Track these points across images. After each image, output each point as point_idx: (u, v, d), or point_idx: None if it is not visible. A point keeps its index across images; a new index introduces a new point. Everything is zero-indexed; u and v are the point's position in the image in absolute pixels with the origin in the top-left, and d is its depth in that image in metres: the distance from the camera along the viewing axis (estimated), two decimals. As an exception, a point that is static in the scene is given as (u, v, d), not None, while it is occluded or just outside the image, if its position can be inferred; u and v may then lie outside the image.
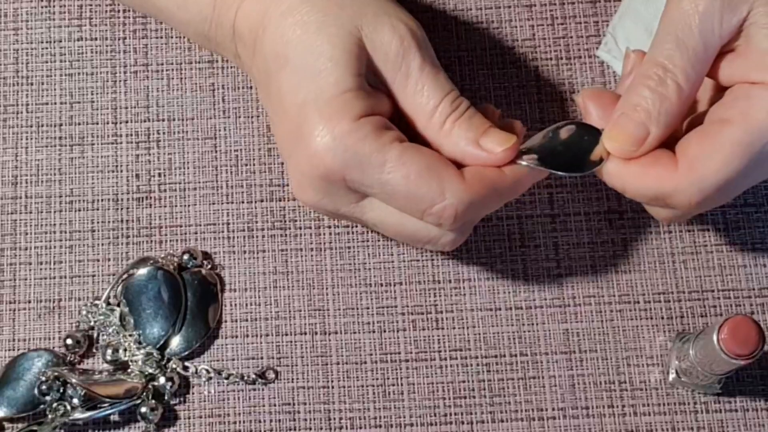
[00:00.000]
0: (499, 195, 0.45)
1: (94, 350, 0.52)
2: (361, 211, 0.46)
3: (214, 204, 0.54)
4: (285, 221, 0.54)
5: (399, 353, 0.52)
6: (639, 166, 0.44)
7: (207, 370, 0.52)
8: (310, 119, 0.43)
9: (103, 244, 0.54)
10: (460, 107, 0.45)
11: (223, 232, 0.54)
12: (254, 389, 0.52)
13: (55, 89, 0.56)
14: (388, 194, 0.44)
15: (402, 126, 0.46)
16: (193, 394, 0.52)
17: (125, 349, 0.52)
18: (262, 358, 0.52)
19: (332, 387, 0.52)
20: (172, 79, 0.56)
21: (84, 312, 0.53)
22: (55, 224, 0.54)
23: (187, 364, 0.52)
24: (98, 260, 0.54)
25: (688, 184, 0.43)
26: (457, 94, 0.46)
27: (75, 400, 0.50)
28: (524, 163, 0.45)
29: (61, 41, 0.56)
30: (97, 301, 0.53)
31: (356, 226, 0.54)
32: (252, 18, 0.46)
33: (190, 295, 0.53)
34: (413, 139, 0.45)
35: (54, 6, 0.57)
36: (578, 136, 0.46)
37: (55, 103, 0.56)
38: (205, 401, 0.52)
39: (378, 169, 0.43)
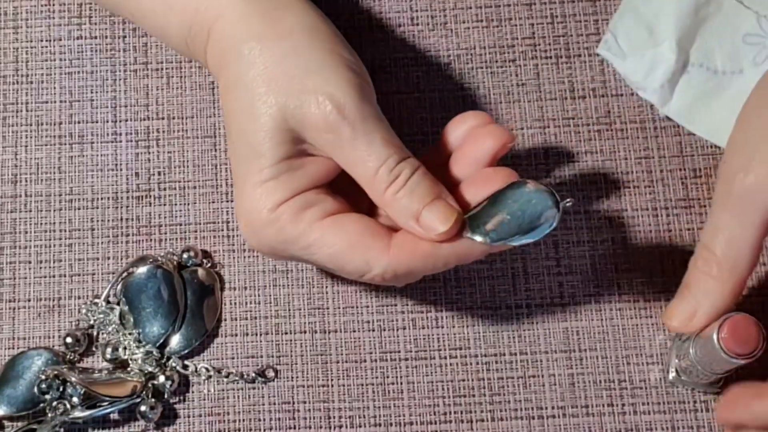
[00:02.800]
0: (435, 263, 0.44)
1: (94, 349, 0.52)
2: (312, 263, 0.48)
3: (213, 202, 0.54)
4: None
5: (399, 352, 0.52)
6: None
7: (207, 369, 0.52)
8: (239, 204, 0.46)
9: (102, 243, 0.54)
10: (400, 176, 0.44)
11: (222, 230, 0.54)
12: (254, 388, 0.52)
13: (54, 88, 0.56)
14: (319, 265, 0.47)
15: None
16: (192, 392, 0.52)
17: (125, 348, 0.52)
18: (261, 356, 0.52)
19: (332, 385, 0.52)
20: (172, 77, 0.56)
21: (84, 310, 0.53)
22: (54, 223, 0.54)
23: (186, 362, 0.52)
24: (98, 259, 0.54)
25: None
26: (397, 160, 0.44)
27: (75, 399, 0.50)
28: (470, 236, 0.43)
29: (60, 40, 0.56)
30: (96, 300, 0.53)
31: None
32: (214, 70, 0.48)
33: (190, 294, 0.53)
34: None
35: (54, 4, 0.57)
36: (526, 199, 0.43)
37: (55, 102, 0.56)
38: (204, 400, 0.52)
39: (303, 250, 0.45)
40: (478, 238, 0.43)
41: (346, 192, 0.47)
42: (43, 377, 0.50)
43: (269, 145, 0.44)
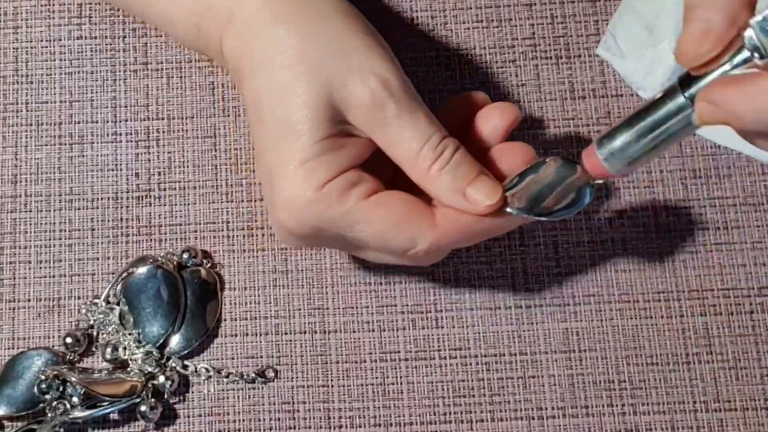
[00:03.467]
0: (474, 236, 0.46)
1: (94, 349, 0.52)
2: (342, 247, 0.48)
3: (213, 203, 0.54)
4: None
5: (398, 352, 0.52)
6: (740, 84, 0.37)
7: (206, 369, 0.52)
8: (277, 186, 0.44)
9: (102, 243, 0.54)
10: (444, 153, 0.45)
11: (222, 230, 0.54)
12: (254, 388, 0.52)
13: (54, 88, 0.56)
14: (361, 247, 0.46)
15: (389, 164, 0.46)
16: (192, 392, 0.52)
17: (125, 348, 0.52)
18: (261, 356, 0.52)
19: (332, 386, 0.52)
20: (172, 77, 0.56)
21: (83, 311, 0.53)
22: (54, 223, 0.54)
23: (186, 362, 0.52)
24: (98, 259, 0.53)
25: None
26: (440, 137, 0.45)
27: (74, 399, 0.50)
28: (512, 211, 0.44)
29: (60, 40, 0.56)
30: (96, 300, 0.53)
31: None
32: (232, 53, 0.47)
33: (190, 294, 0.53)
34: (401, 175, 0.46)
35: (54, 4, 0.57)
36: (559, 174, 0.45)
37: (55, 102, 0.56)
38: (204, 400, 0.52)
39: (348, 229, 0.44)
40: (521, 213, 0.44)
41: (372, 172, 0.47)
42: (43, 377, 0.50)
43: (311, 124, 0.44)
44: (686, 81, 0.39)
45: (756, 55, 0.35)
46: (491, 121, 0.47)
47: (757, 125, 0.36)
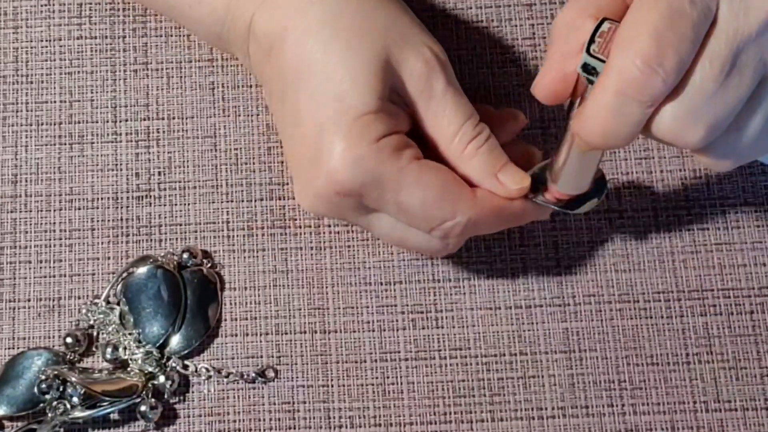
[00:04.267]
0: (501, 220, 0.47)
1: (94, 349, 0.52)
2: (367, 222, 0.47)
3: (213, 202, 0.54)
4: (285, 220, 0.54)
5: (399, 352, 0.52)
6: (579, 114, 0.41)
7: (207, 369, 0.52)
8: (329, 140, 0.44)
9: (102, 243, 0.54)
10: (482, 134, 0.46)
11: (222, 230, 0.54)
12: (254, 388, 0.52)
13: (54, 87, 0.56)
14: (402, 211, 0.45)
15: (421, 143, 0.46)
16: (192, 392, 0.52)
17: (125, 348, 0.52)
18: (261, 356, 0.52)
19: (332, 386, 0.52)
20: (172, 77, 0.56)
21: (84, 310, 0.53)
22: (54, 223, 0.54)
23: (186, 362, 0.52)
24: (98, 259, 0.53)
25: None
26: (479, 120, 0.46)
27: (75, 399, 0.50)
28: (537, 201, 0.46)
29: (60, 39, 0.56)
30: (96, 300, 0.53)
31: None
32: (270, 25, 0.46)
33: (190, 294, 0.53)
34: (431, 156, 0.46)
35: (54, 4, 0.57)
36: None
37: (55, 102, 0.56)
38: (204, 400, 0.52)
39: (396, 189, 0.44)
40: (543, 202, 0.47)
41: None
42: (43, 377, 0.51)
43: (373, 81, 0.44)
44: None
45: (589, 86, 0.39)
46: (502, 126, 0.49)
47: (607, 141, 0.39)
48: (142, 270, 0.52)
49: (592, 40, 0.38)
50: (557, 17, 0.41)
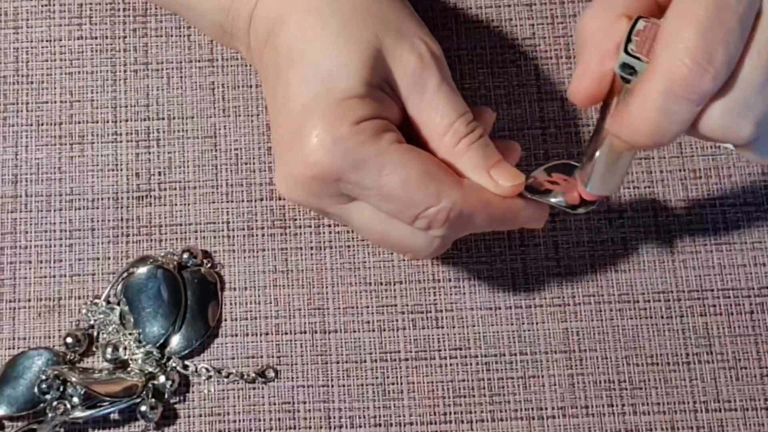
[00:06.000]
0: (492, 218, 0.45)
1: (94, 349, 0.52)
2: (348, 212, 0.46)
3: (214, 203, 0.54)
4: (285, 220, 0.54)
5: (399, 352, 0.52)
6: (617, 115, 0.40)
7: (207, 369, 0.52)
8: (311, 120, 0.43)
9: (102, 243, 0.54)
10: (475, 131, 0.45)
11: (223, 230, 0.54)
12: (254, 388, 0.52)
13: (55, 88, 0.56)
14: (383, 196, 0.44)
15: (412, 140, 0.46)
16: (192, 392, 0.52)
17: (125, 348, 0.52)
18: (261, 356, 0.52)
19: (332, 386, 0.52)
20: (172, 77, 0.56)
21: (84, 311, 0.53)
22: (55, 223, 0.54)
23: (186, 362, 0.52)
24: (98, 259, 0.54)
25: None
26: (472, 118, 0.46)
27: (75, 399, 0.50)
28: (529, 194, 0.45)
29: (61, 40, 0.56)
30: (97, 300, 0.53)
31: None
32: (271, 11, 0.46)
33: (190, 294, 0.53)
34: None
35: (54, 4, 0.57)
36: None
37: (55, 102, 0.56)
38: (204, 400, 0.52)
39: (376, 172, 0.43)
40: (540, 197, 0.46)
41: None
42: (44, 377, 0.51)
43: (360, 67, 0.44)
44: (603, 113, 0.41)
45: (629, 86, 0.38)
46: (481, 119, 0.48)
47: (653, 140, 0.38)
48: (142, 270, 0.52)
49: (629, 39, 0.38)
50: (583, 18, 0.40)
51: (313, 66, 0.44)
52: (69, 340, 0.52)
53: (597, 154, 0.43)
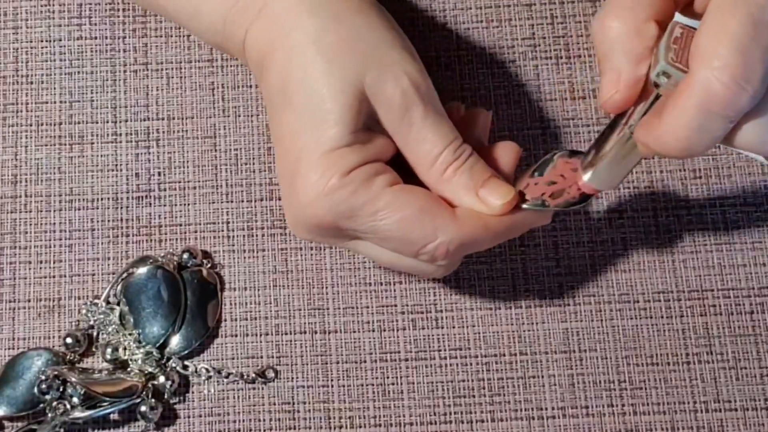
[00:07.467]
0: (492, 235, 0.45)
1: (94, 349, 0.52)
2: (355, 247, 0.47)
3: (213, 203, 0.54)
4: (285, 220, 0.54)
5: (399, 352, 0.52)
6: (649, 124, 0.40)
7: (207, 369, 0.52)
8: (303, 170, 0.44)
9: (102, 243, 0.54)
10: (462, 155, 0.45)
11: (222, 231, 0.54)
12: (254, 388, 0.52)
13: (54, 88, 0.56)
14: (381, 239, 0.45)
15: (405, 168, 0.46)
16: (192, 393, 0.52)
17: (125, 348, 0.52)
18: (261, 357, 0.52)
19: (332, 386, 0.52)
20: (172, 77, 0.56)
21: (84, 311, 0.53)
22: (54, 223, 0.54)
23: (186, 363, 0.52)
24: (98, 259, 0.54)
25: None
26: (460, 142, 0.46)
27: (75, 399, 0.50)
28: (526, 206, 0.45)
29: (60, 40, 0.56)
30: (96, 300, 0.53)
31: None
32: (260, 42, 0.46)
33: (190, 294, 0.53)
34: (412, 180, 0.46)
35: (54, 5, 0.57)
36: (568, 167, 0.46)
37: (55, 102, 0.56)
38: (204, 400, 0.52)
39: (370, 217, 0.44)
40: (537, 207, 0.45)
41: None
42: (43, 377, 0.51)
43: (344, 113, 0.44)
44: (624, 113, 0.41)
45: (660, 91, 0.39)
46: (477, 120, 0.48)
47: (685, 153, 0.38)
48: (142, 270, 0.52)
49: (667, 47, 0.37)
50: (603, 22, 0.40)
51: (302, 113, 0.44)
52: (69, 340, 0.52)
53: (607, 148, 0.43)
